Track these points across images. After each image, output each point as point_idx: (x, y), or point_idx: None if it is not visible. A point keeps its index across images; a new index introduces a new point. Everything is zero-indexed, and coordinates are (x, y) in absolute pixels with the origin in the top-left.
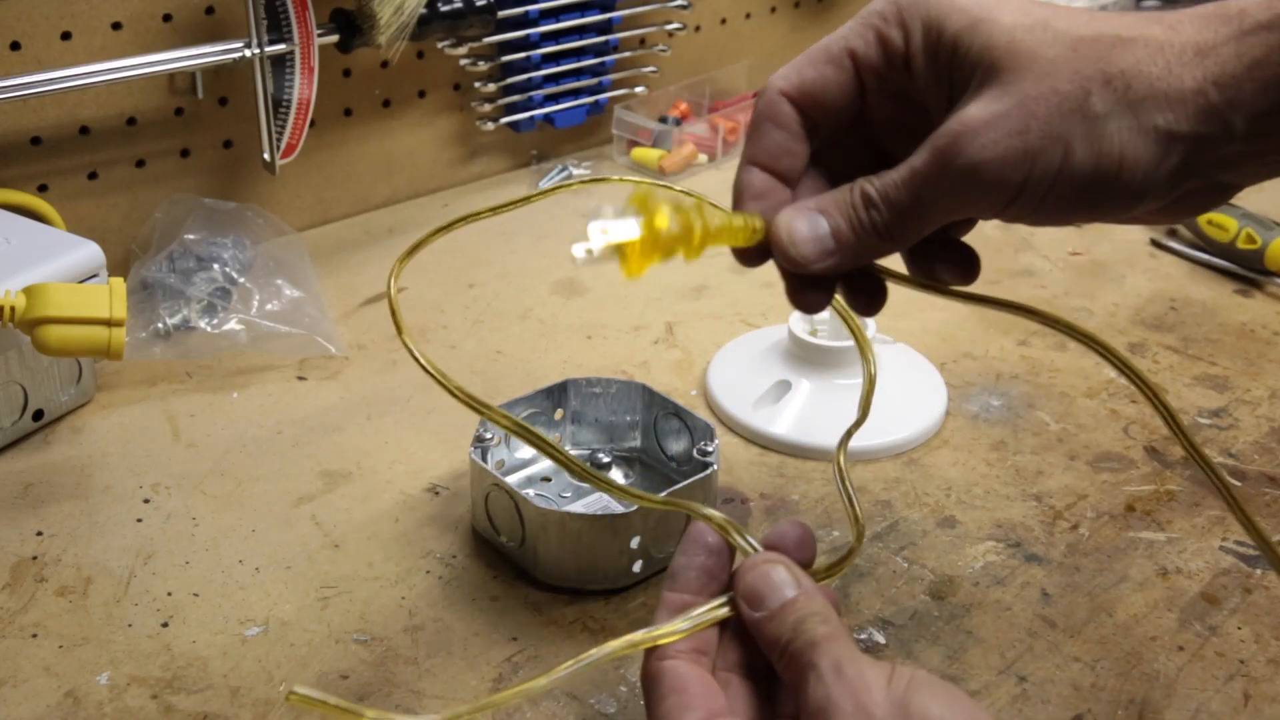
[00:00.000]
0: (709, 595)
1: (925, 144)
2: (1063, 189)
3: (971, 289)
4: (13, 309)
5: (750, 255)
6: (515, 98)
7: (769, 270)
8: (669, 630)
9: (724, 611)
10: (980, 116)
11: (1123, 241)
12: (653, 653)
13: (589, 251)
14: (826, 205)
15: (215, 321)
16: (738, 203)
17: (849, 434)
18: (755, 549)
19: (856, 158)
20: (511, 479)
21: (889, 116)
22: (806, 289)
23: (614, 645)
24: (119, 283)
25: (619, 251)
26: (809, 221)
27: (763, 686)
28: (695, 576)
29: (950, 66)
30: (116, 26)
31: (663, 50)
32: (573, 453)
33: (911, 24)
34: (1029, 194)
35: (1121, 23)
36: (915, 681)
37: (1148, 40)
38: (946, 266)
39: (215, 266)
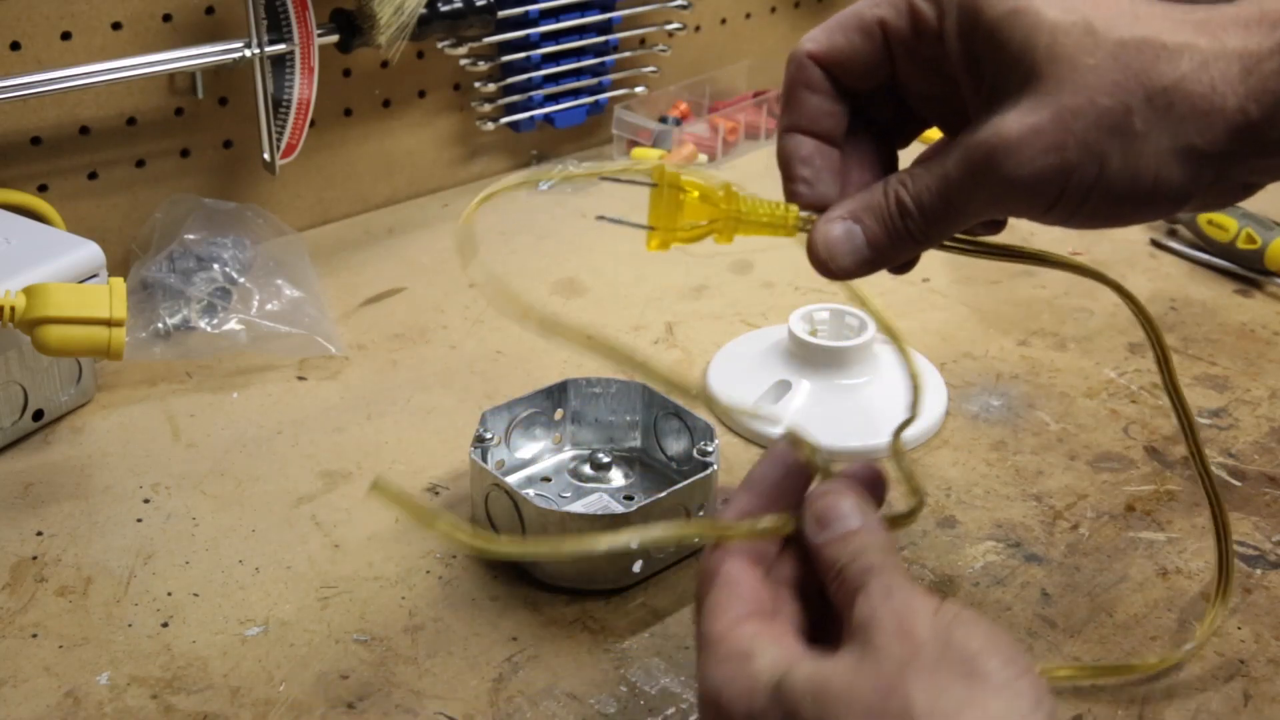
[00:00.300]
0: (778, 509)
1: (959, 148)
2: (1097, 201)
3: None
4: (13, 309)
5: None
6: (515, 98)
7: (769, 270)
8: (736, 526)
9: (789, 528)
10: (1017, 130)
11: (1123, 241)
12: (712, 549)
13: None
14: (860, 212)
15: (215, 321)
16: (787, 169)
17: (900, 429)
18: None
19: (890, 111)
20: (511, 479)
21: (920, 85)
22: None
23: (683, 528)
24: (119, 283)
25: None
26: (845, 232)
27: (810, 609)
28: (770, 488)
29: (985, 55)
30: (116, 26)
31: (663, 50)
32: (572, 453)
33: (947, 1)
34: (1062, 206)
35: (1165, 24)
36: (961, 616)
37: (1193, 52)
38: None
39: (215, 266)
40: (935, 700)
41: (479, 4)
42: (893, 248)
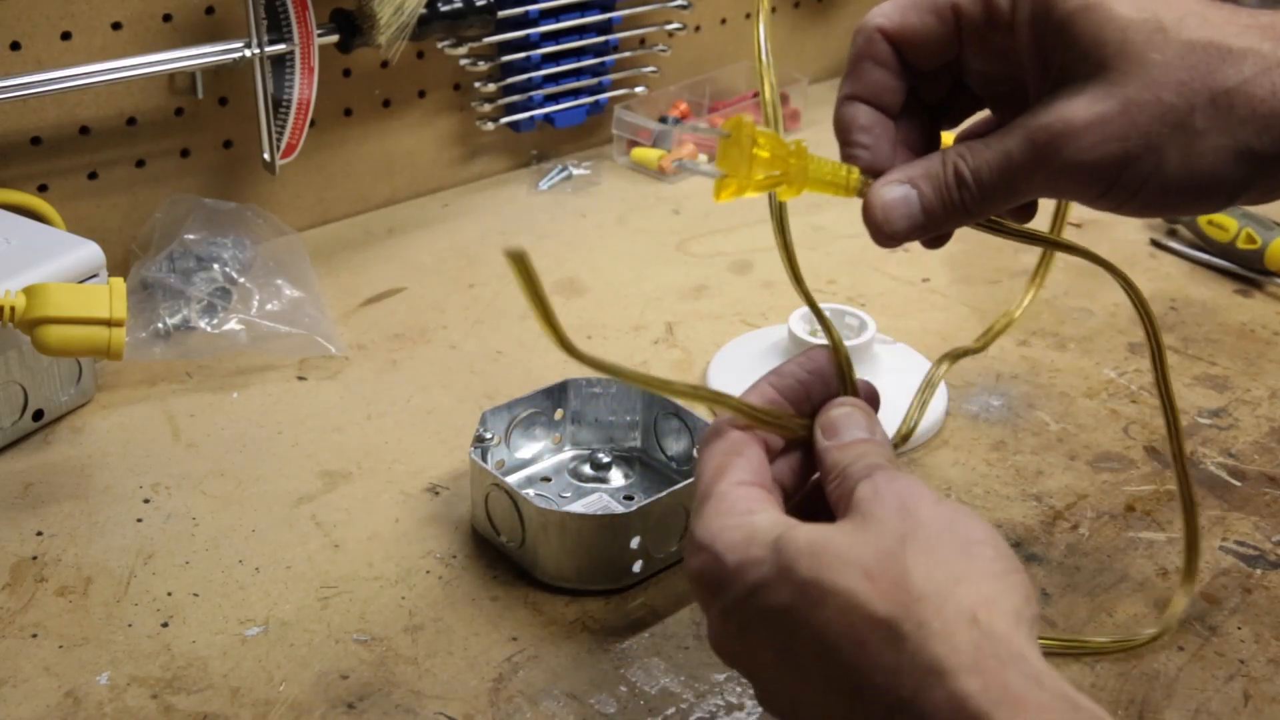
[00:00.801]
0: (796, 410)
1: (1021, 128)
2: (1150, 192)
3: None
4: (13, 309)
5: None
6: (515, 98)
7: (769, 270)
8: (756, 410)
9: (802, 432)
10: (1083, 117)
11: (1123, 241)
12: (729, 419)
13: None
14: (918, 178)
15: (215, 321)
16: (845, 136)
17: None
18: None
19: (944, 92)
20: (511, 479)
21: (983, 67)
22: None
23: (699, 390)
24: (119, 283)
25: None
26: (903, 196)
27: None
28: (796, 385)
29: (1056, 47)
30: (116, 26)
31: (663, 50)
32: (572, 453)
33: None
34: (1116, 193)
35: (1232, 28)
36: (962, 510)
37: (1256, 57)
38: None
39: (215, 266)
40: (932, 570)
41: (479, 4)
42: (945, 216)
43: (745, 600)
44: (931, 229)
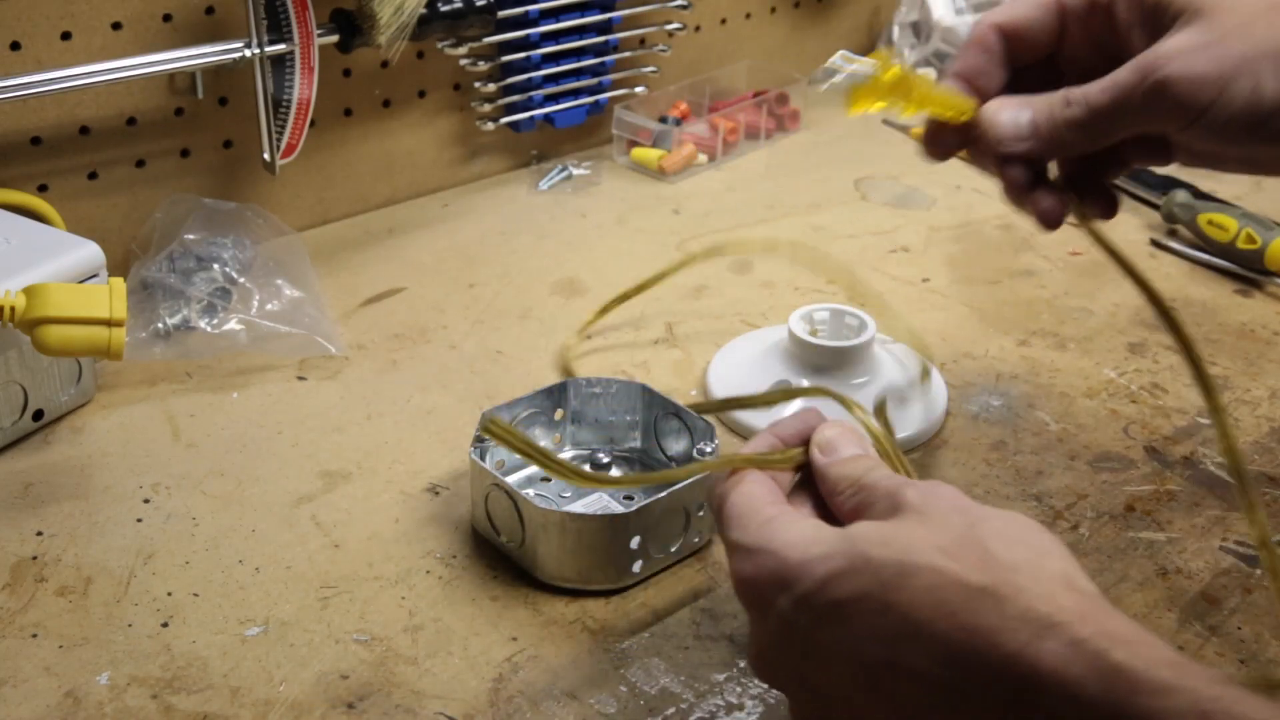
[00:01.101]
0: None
1: (1129, 63)
2: (1246, 117)
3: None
4: (13, 309)
5: (942, 146)
6: (515, 98)
7: (769, 270)
8: (759, 453)
9: (802, 459)
10: (1182, 44)
11: (1123, 242)
12: (726, 475)
13: (835, 75)
14: (1030, 100)
15: (215, 321)
16: None
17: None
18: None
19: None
20: (511, 479)
21: (1083, 59)
22: (1022, 187)
23: (705, 463)
24: (119, 283)
25: (852, 87)
26: (1014, 113)
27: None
28: (791, 436)
29: (1154, 14)
30: (116, 26)
31: (663, 50)
32: (572, 453)
33: None
34: (1212, 116)
35: None
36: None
37: None
38: (1094, 203)
39: (215, 266)
40: (1012, 546)
41: (479, 4)
42: (1051, 131)
43: (814, 594)
44: (1038, 142)
